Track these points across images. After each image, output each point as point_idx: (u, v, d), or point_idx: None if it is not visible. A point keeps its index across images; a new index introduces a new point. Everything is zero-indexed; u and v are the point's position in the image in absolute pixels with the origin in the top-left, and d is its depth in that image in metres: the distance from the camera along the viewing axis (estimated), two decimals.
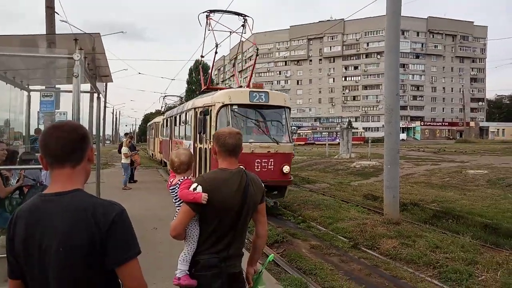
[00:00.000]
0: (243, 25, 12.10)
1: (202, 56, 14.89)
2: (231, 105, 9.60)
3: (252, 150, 9.24)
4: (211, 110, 9.78)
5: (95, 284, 1.53)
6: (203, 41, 13.52)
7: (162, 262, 5.52)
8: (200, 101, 11.25)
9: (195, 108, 11.20)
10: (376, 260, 6.52)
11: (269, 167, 9.42)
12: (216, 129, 9.19)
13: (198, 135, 10.59)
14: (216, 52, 12.91)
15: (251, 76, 14.18)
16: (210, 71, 14.59)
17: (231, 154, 2.55)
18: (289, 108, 10.51)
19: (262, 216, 2.68)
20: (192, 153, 10.75)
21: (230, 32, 12.76)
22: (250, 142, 9.25)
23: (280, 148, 9.62)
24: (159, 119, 24.47)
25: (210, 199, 2.39)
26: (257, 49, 11.99)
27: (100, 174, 8.55)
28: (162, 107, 27.71)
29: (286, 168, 9.60)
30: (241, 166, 2.62)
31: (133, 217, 6.60)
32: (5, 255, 1.59)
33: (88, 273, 1.49)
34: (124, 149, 14.37)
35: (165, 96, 28.22)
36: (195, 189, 2.43)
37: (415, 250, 6.75)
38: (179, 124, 14.75)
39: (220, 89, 11.84)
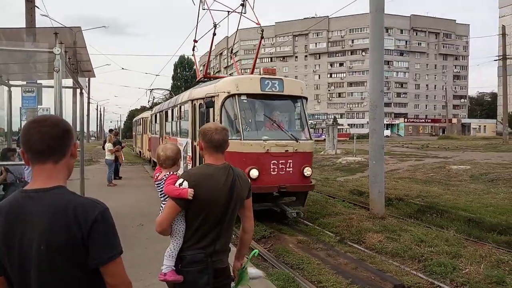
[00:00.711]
0: (242, 4, 10.37)
1: (195, 41, 12.85)
2: (239, 95, 8.12)
3: (267, 150, 7.82)
4: (214, 101, 8.23)
5: (79, 282, 1.50)
6: (196, 23, 11.90)
7: (149, 258, 5.45)
8: (199, 91, 9.52)
9: (192, 100, 9.58)
10: (362, 254, 6.57)
11: (287, 169, 7.99)
12: (221, 123, 7.89)
13: (197, 131, 9.58)
14: (214, 34, 11.07)
15: (255, 62, 11.77)
16: (208, 56, 12.08)
17: (218, 150, 2.54)
18: (306, 99, 9.06)
19: (248, 211, 2.68)
20: (190, 152, 8.96)
21: (228, 11, 11.17)
22: (264, 140, 7.90)
23: (300, 147, 8.17)
24: (147, 114, 22.73)
25: (196, 195, 2.37)
26: (262, 31, 10.08)
27: (85, 171, 8.41)
28: (149, 101, 25.72)
29: (307, 171, 8.19)
30: (227, 162, 2.61)
31: (119, 214, 6.54)
32: None
33: (71, 271, 1.47)
34: (108, 145, 14.20)
35: (153, 89, 26.12)
36: (181, 184, 2.40)
37: (401, 244, 6.82)
38: (172, 119, 13.04)
39: (220, 78, 9.88)
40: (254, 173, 7.61)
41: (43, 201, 1.46)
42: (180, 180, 2.43)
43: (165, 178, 2.60)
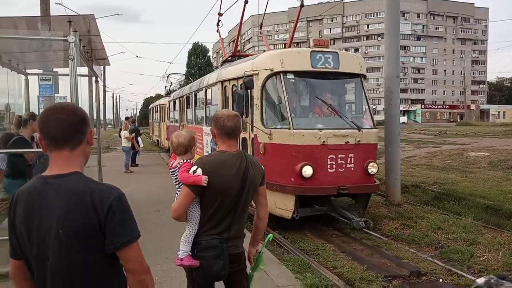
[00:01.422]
0: None
1: (220, 14, 11.52)
2: (285, 73, 6.67)
3: (324, 141, 6.35)
4: (252, 81, 6.77)
5: (96, 267, 1.52)
6: None
7: (165, 243, 5.53)
8: (230, 70, 8.01)
9: (223, 82, 8.12)
10: (378, 241, 6.53)
11: (347, 165, 6.54)
12: (262, 109, 6.82)
13: None
14: (246, 1, 9.62)
15: (293, 35, 10.40)
16: (239, 27, 10.58)
17: (230, 137, 2.57)
18: (365, 77, 7.56)
19: (262, 198, 2.72)
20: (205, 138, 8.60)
21: None
22: (319, 129, 6.46)
23: (363, 137, 6.67)
24: (164, 101, 21.29)
25: (210, 182, 2.41)
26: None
27: (102, 158, 8.53)
28: (165, 87, 24.20)
29: (372, 167, 6.74)
30: (242, 150, 2.64)
31: (135, 200, 6.65)
32: (7, 237, 1.61)
33: (89, 256, 1.49)
34: (125, 133, 14.35)
35: (169, 75, 24.04)
36: (195, 171, 2.44)
37: (417, 231, 6.76)
38: (195, 105, 11.57)
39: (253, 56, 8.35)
40: (307, 170, 6.23)
41: (60, 186, 1.48)
42: (194, 167, 2.46)
43: (179, 166, 2.63)
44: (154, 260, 5.03)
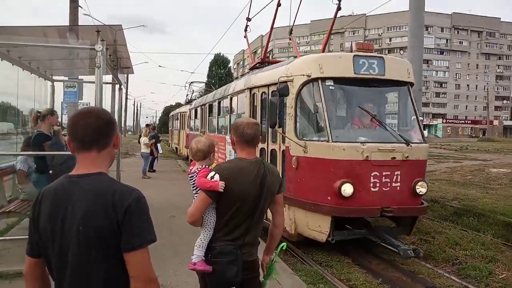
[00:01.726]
0: None
1: (248, 19, 10.99)
2: (323, 79, 6.03)
3: (367, 156, 5.62)
4: (288, 88, 6.07)
5: (114, 267, 1.54)
6: None
7: (180, 249, 5.61)
8: (260, 77, 7.42)
9: (251, 89, 7.49)
10: (394, 255, 6.45)
11: (393, 184, 5.76)
12: (296, 118, 6.20)
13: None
14: (279, 4, 9.14)
15: (328, 38, 9.48)
16: (269, 32, 9.84)
17: (249, 145, 2.60)
18: (413, 85, 6.72)
19: (279, 206, 2.73)
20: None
21: None
22: (362, 143, 5.72)
23: (411, 153, 5.87)
24: (185, 108, 21.12)
25: (227, 188, 2.44)
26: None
27: (121, 163, 8.72)
28: (187, 95, 23.71)
29: (421, 187, 5.91)
30: (260, 157, 2.67)
31: (151, 205, 6.72)
32: (24, 236, 1.65)
33: (107, 256, 1.52)
34: (144, 139, 14.62)
35: (192, 82, 23.62)
36: (212, 177, 2.47)
37: (434, 246, 6.66)
38: (218, 114, 10.94)
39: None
40: (347, 189, 5.53)
41: (85, 185, 1.55)
42: (212, 173, 2.50)
43: (197, 171, 2.68)
44: (168, 264, 5.11)
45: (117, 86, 7.78)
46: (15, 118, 9.91)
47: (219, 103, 10.97)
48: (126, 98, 39.73)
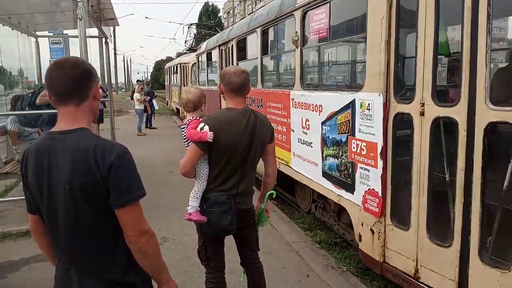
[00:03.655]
0: None
1: None
2: None
3: None
4: None
5: (104, 223, 1.52)
6: None
7: (179, 203, 5.67)
8: None
9: None
10: None
11: None
12: None
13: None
14: None
15: None
16: None
17: (237, 93, 2.55)
18: None
19: (270, 156, 2.74)
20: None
21: None
22: None
23: None
24: (186, 58, 17.53)
25: (217, 138, 2.43)
26: None
27: (115, 121, 8.63)
28: (186, 41, 20.54)
29: None
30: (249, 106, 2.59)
31: (148, 162, 6.74)
32: (23, 196, 1.64)
33: (95, 212, 1.50)
34: (137, 95, 14.45)
35: (191, 25, 19.95)
36: (202, 128, 2.46)
37: None
38: (262, 51, 6.20)
39: None
40: None
41: (66, 142, 1.49)
42: (202, 124, 2.48)
43: (188, 123, 2.64)
44: (169, 218, 5.19)
45: (103, 40, 7.51)
46: (2, 78, 9.67)
47: (263, 33, 6.10)
48: (115, 53, 38.77)
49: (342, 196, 3.97)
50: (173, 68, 21.27)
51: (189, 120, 2.65)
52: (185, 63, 17.40)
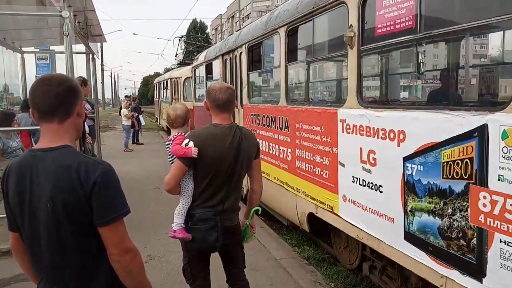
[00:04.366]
0: None
1: None
2: None
3: None
4: None
5: (87, 242, 1.50)
6: None
7: (165, 219, 5.56)
8: None
9: None
10: None
11: None
12: None
13: None
14: None
15: None
16: None
17: (223, 110, 2.55)
18: None
19: (256, 172, 2.73)
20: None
21: None
22: None
23: None
24: (177, 73, 16.27)
25: (202, 154, 2.42)
26: None
27: (102, 137, 8.55)
28: (176, 54, 19.91)
29: None
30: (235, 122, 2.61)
31: (136, 178, 6.63)
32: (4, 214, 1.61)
33: (78, 230, 1.47)
34: (124, 111, 14.38)
35: (182, 37, 19.49)
36: (186, 144, 2.45)
37: None
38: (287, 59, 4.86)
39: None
40: None
41: (48, 160, 1.47)
42: (186, 140, 2.48)
43: (173, 139, 2.65)
44: (156, 235, 5.12)
45: (90, 56, 7.50)
46: None
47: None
48: (102, 69, 38.76)
49: (455, 280, 2.50)
50: (163, 83, 20.07)
51: (174, 136, 2.66)
52: (176, 78, 16.23)
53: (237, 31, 7.41)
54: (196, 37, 24.15)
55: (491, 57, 3.31)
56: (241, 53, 6.38)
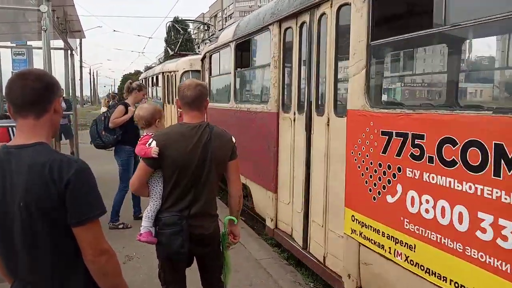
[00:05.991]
0: None
1: None
2: None
3: None
4: None
5: (62, 242, 1.46)
6: None
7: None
8: None
9: None
10: None
11: None
12: None
13: None
14: None
15: None
16: None
17: (192, 108, 2.44)
18: None
19: (232, 174, 2.56)
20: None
21: None
22: None
23: None
24: (172, 65, 12.67)
25: (164, 154, 2.33)
26: None
27: (81, 135, 8.37)
28: (169, 43, 17.25)
29: None
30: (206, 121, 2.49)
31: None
32: None
33: (52, 229, 1.44)
34: (103, 109, 14.17)
35: (177, 21, 17.08)
36: (150, 144, 2.39)
37: None
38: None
39: None
40: None
41: (22, 157, 1.43)
42: (150, 140, 2.42)
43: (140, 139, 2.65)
44: (134, 236, 4.99)
45: (68, 52, 7.34)
46: None
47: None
48: (81, 66, 38.07)
49: None
50: (152, 78, 16.04)
51: (142, 136, 2.65)
52: (171, 72, 12.63)
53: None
54: (193, 21, 21.39)
55: None
56: (332, 13, 3.42)
